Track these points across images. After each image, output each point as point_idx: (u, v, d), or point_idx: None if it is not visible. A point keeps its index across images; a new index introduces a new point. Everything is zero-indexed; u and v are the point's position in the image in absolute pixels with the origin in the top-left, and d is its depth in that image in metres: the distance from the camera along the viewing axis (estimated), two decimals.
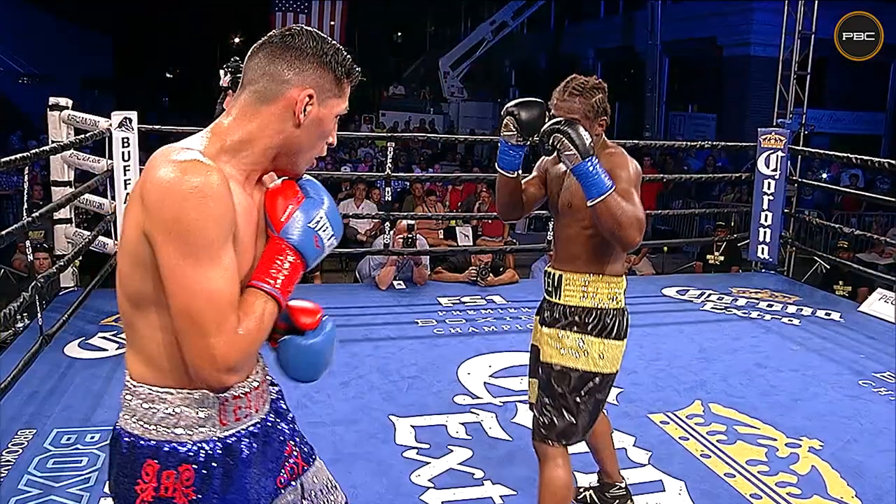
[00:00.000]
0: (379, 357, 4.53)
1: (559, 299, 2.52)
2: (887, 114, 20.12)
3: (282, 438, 1.58)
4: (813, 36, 7.52)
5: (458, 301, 5.72)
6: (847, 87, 19.29)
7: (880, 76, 19.56)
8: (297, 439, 1.65)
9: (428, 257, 6.32)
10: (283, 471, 1.58)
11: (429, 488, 3.06)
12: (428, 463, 3.25)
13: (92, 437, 3.38)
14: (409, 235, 5.94)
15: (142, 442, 1.37)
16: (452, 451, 3.37)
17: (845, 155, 6.66)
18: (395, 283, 6.02)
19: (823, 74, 15.52)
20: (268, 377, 1.58)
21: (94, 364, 4.27)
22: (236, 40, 30.63)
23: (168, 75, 35.55)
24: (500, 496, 3.01)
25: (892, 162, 5.98)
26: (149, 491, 1.36)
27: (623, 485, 2.91)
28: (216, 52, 28.12)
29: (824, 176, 13.53)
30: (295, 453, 1.62)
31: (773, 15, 11.64)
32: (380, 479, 3.11)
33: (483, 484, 3.11)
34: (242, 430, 1.45)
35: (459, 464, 3.27)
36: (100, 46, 26.18)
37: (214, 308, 1.26)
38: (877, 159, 6.29)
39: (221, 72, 5.48)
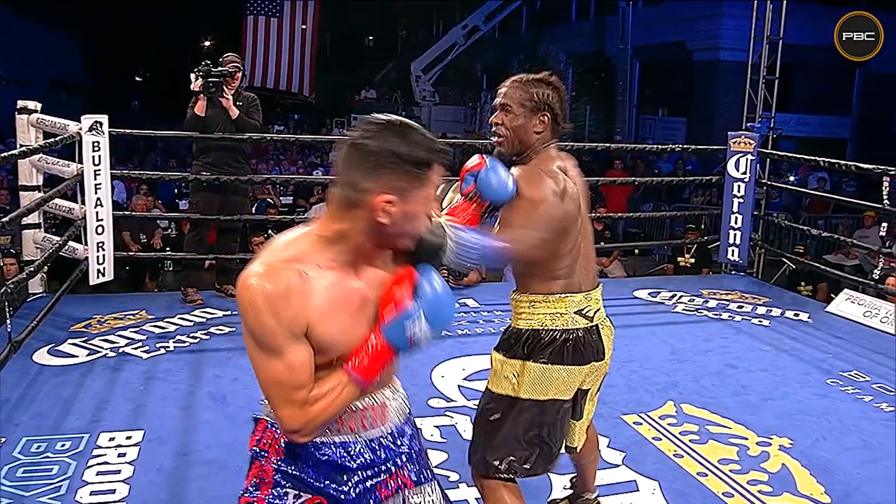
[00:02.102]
0: None
1: None
2: (852, 118, 20.45)
3: (383, 463, 1.73)
4: (781, 41, 7.62)
5: None
6: (813, 92, 19.59)
7: (846, 81, 19.88)
8: (410, 462, 1.80)
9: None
10: (387, 486, 1.75)
11: None
12: None
13: (62, 445, 3.35)
14: None
15: (263, 416, 1.71)
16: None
17: (813, 158, 6.76)
18: None
19: (790, 79, 15.76)
20: (390, 413, 1.75)
21: (63, 371, 4.22)
22: (207, 43, 30.42)
23: (138, 78, 35.22)
24: (476, 499, 3.01)
25: (859, 165, 6.09)
26: (252, 440, 1.71)
27: (594, 496, 2.88)
28: (187, 55, 27.91)
29: (792, 179, 13.71)
30: (402, 472, 1.77)
31: (742, 20, 11.80)
32: None
33: (458, 487, 3.12)
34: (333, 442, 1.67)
35: (435, 467, 3.25)
36: (68, 49, 25.87)
37: (280, 389, 1.52)
38: (843, 162, 6.41)
39: (192, 75, 5.45)
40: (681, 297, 6.21)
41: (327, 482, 1.68)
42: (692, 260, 7.83)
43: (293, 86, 19.88)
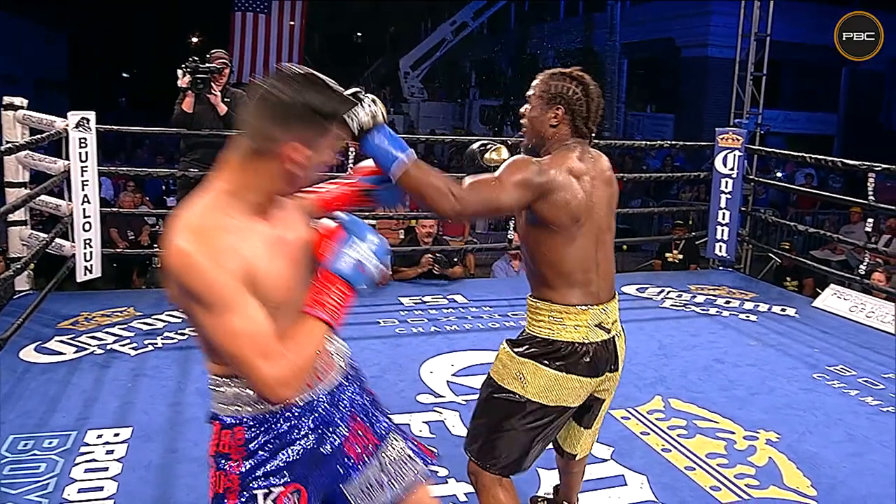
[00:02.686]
0: None
1: None
2: (839, 115, 20.57)
3: (340, 416, 1.78)
4: (768, 38, 7.65)
5: (419, 300, 5.73)
6: (801, 89, 19.68)
7: (832, 79, 20.00)
8: (368, 416, 1.86)
9: (388, 257, 6.30)
10: (355, 445, 1.81)
11: None
12: None
13: (49, 443, 3.33)
14: None
15: (214, 413, 1.67)
16: None
17: (800, 154, 6.80)
18: None
19: (778, 76, 15.84)
20: (335, 360, 1.80)
21: (50, 368, 4.20)
22: (194, 39, 30.29)
23: (125, 75, 35.05)
24: (465, 493, 3.03)
25: (845, 161, 6.13)
26: (212, 446, 1.66)
27: None
28: (175, 51, 27.79)
29: (779, 175, 13.78)
30: (363, 430, 1.83)
31: (730, 17, 11.85)
32: None
33: (447, 482, 3.12)
34: (292, 406, 1.67)
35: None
36: (55, 45, 25.69)
37: (253, 341, 1.46)
38: (829, 158, 6.44)
39: (179, 72, 5.42)
40: (669, 292, 6.24)
41: (295, 454, 1.68)
42: (680, 256, 7.85)
43: None
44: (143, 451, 3.30)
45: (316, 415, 1.72)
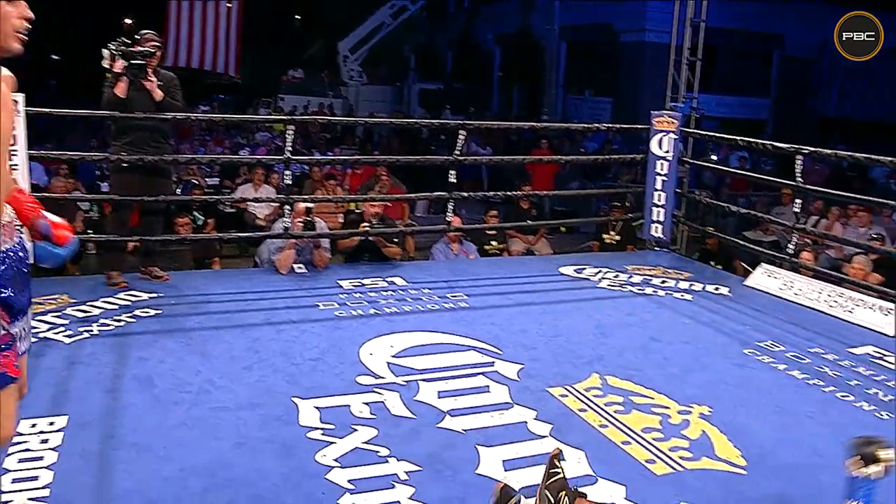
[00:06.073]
0: (281, 341, 4.49)
1: None
2: (771, 99, 21.08)
3: (26, 269, 2.20)
4: (703, 24, 7.80)
5: (359, 283, 5.71)
6: (733, 74, 20.09)
7: (764, 64, 20.48)
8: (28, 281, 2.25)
9: (328, 240, 6.28)
10: (27, 293, 2.22)
11: (334, 467, 3.07)
12: (333, 443, 3.26)
13: None
14: (308, 218, 5.88)
15: None
16: (357, 430, 3.39)
17: (732, 137, 6.96)
18: (295, 266, 5.96)
19: (712, 61, 16.15)
20: (15, 222, 2.19)
21: None
22: (129, 21, 29.53)
23: (55, 57, 34.03)
24: (405, 472, 3.05)
25: (775, 144, 6.30)
26: None
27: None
28: (107, 34, 27.04)
29: (714, 158, 14.07)
30: (28, 292, 2.24)
31: (667, 3, 12.03)
32: (285, 461, 3.11)
33: (388, 461, 3.14)
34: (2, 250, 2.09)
35: (364, 443, 3.29)
36: None
37: None
38: (760, 141, 6.62)
39: (105, 52, 5.26)
40: (606, 272, 6.33)
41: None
42: (617, 237, 7.99)
43: (218, 65, 19.46)
44: (78, 439, 3.24)
45: (14, 260, 2.13)
